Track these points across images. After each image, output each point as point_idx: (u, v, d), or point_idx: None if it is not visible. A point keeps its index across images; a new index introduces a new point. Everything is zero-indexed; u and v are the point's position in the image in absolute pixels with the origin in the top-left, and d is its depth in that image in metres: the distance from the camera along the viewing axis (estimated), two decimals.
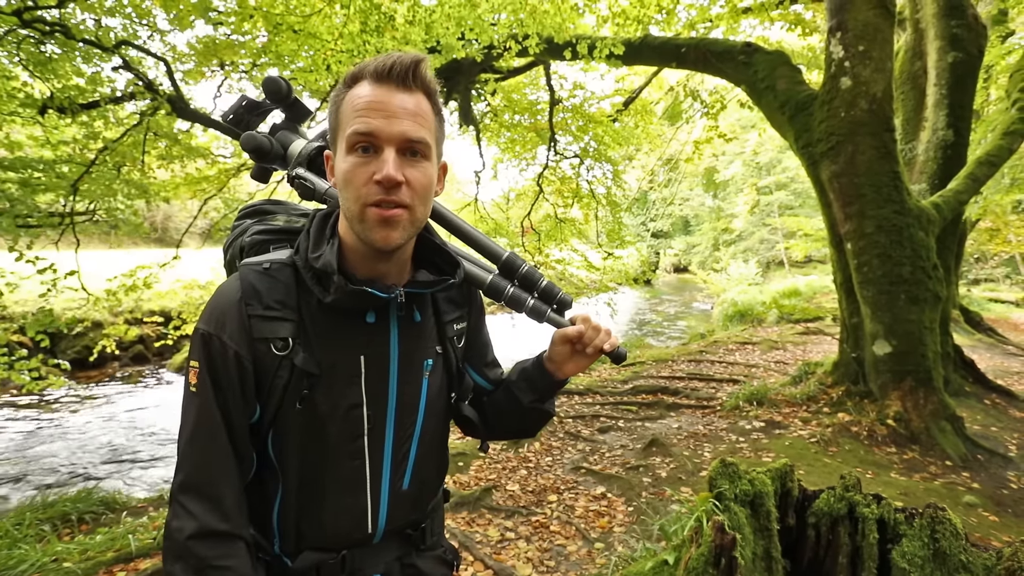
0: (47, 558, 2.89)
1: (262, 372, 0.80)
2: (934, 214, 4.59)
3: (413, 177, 0.76)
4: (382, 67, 0.75)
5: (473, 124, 8.44)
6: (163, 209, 23.96)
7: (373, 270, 0.83)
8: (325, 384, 0.81)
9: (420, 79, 0.77)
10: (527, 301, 0.96)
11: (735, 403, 5.27)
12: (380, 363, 0.85)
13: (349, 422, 0.82)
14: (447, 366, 0.94)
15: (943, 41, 5.46)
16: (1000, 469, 3.90)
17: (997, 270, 18.59)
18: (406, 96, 0.76)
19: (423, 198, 0.79)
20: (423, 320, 0.91)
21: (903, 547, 1.55)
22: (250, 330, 0.79)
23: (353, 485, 0.84)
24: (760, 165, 26.36)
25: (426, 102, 0.78)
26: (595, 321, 0.93)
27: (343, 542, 0.85)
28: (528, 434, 1.08)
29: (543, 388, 0.98)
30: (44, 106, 4.96)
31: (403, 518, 0.90)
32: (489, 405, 1.05)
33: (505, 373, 1.07)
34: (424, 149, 0.77)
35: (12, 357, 4.66)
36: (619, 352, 0.94)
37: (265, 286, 0.81)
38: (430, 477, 0.94)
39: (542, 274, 1.00)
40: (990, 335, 9.08)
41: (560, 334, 0.94)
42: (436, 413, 0.92)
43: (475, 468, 4.16)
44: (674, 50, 6.14)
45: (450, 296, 0.96)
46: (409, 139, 0.75)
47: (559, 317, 0.97)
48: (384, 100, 0.75)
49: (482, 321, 1.05)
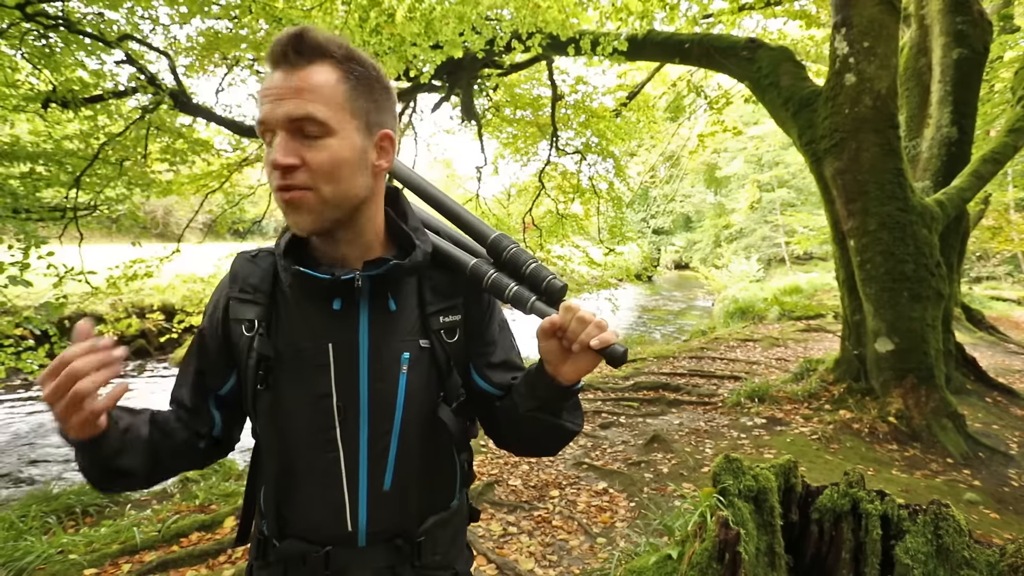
0: (53, 550, 2.92)
1: (237, 351, 0.85)
2: (937, 211, 4.58)
3: (311, 157, 0.72)
4: (270, 51, 0.73)
5: (475, 119, 8.42)
6: (164, 204, 23.98)
7: (332, 254, 0.83)
8: (290, 370, 0.81)
9: (308, 50, 0.72)
10: (509, 288, 0.83)
11: (736, 400, 5.28)
12: (349, 352, 0.81)
13: (319, 412, 0.81)
14: (435, 362, 0.86)
15: (948, 37, 5.43)
16: (1001, 467, 3.92)
17: (999, 268, 18.58)
18: (291, 74, 0.72)
19: (328, 176, 0.73)
20: (400, 310, 0.84)
21: (906, 543, 1.56)
22: (228, 311, 0.85)
23: (328, 477, 0.82)
24: (761, 160, 26.29)
25: (324, 72, 0.73)
26: (584, 312, 0.73)
27: (324, 536, 0.83)
28: (543, 452, 0.92)
29: (544, 395, 0.81)
30: (47, 100, 4.95)
31: (387, 520, 0.84)
32: (500, 413, 0.91)
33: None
34: (316, 124, 0.71)
35: (19, 348, 4.68)
36: (614, 350, 0.72)
37: (245, 271, 0.87)
38: (415, 481, 0.86)
39: (532, 256, 0.87)
40: (991, 333, 9.09)
41: (539, 328, 0.78)
42: (420, 412, 0.84)
43: (477, 463, 4.18)
44: (677, 46, 6.12)
45: (436, 285, 0.88)
46: (292, 119, 0.71)
47: (546, 307, 0.80)
48: (272, 84, 0.73)
49: (488, 316, 0.93)
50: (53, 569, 2.77)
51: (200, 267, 7.62)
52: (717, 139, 11.15)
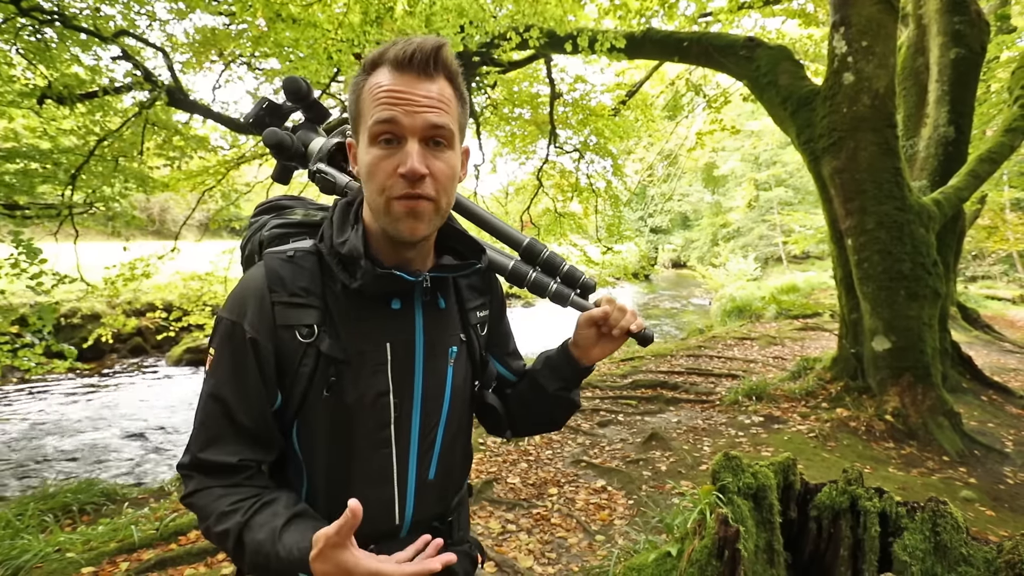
0: (50, 548, 2.90)
1: (286, 359, 0.79)
2: (935, 211, 4.60)
3: (437, 168, 0.75)
4: (402, 54, 0.73)
5: (473, 117, 8.41)
6: (160, 201, 23.86)
7: (398, 257, 0.82)
8: (352, 372, 0.80)
9: (442, 65, 0.75)
10: (550, 285, 0.95)
11: (734, 398, 5.30)
12: (406, 350, 0.84)
13: (376, 411, 0.82)
14: (471, 354, 0.93)
15: (946, 37, 5.45)
16: (997, 464, 3.94)
17: (994, 267, 18.65)
18: (428, 84, 0.74)
19: (447, 189, 0.78)
20: (447, 307, 0.90)
21: (904, 540, 1.57)
22: (274, 317, 0.78)
23: (380, 475, 0.83)
24: (759, 159, 26.32)
25: (448, 88, 0.77)
26: (620, 302, 0.91)
27: (371, 535, 0.82)
28: (555, 426, 1.06)
29: (569, 375, 0.96)
30: (42, 95, 4.92)
31: (429, 509, 0.89)
32: (513, 397, 1.03)
33: (527, 365, 1.06)
34: (447, 136, 0.75)
35: (15, 345, 4.65)
36: (646, 333, 0.91)
37: (289, 273, 0.80)
38: (455, 467, 0.93)
39: (564, 258, 0.98)
40: (987, 332, 9.13)
41: (585, 317, 0.92)
42: (461, 401, 0.91)
43: (476, 461, 4.18)
44: (676, 44, 6.11)
45: (472, 283, 0.96)
46: (432, 125, 0.73)
47: (583, 300, 0.96)
48: (405, 89, 0.73)
49: (503, 310, 1.04)
50: (50, 567, 2.76)
51: (199, 265, 7.59)
52: (715, 137, 11.15)
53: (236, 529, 0.73)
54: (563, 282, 0.97)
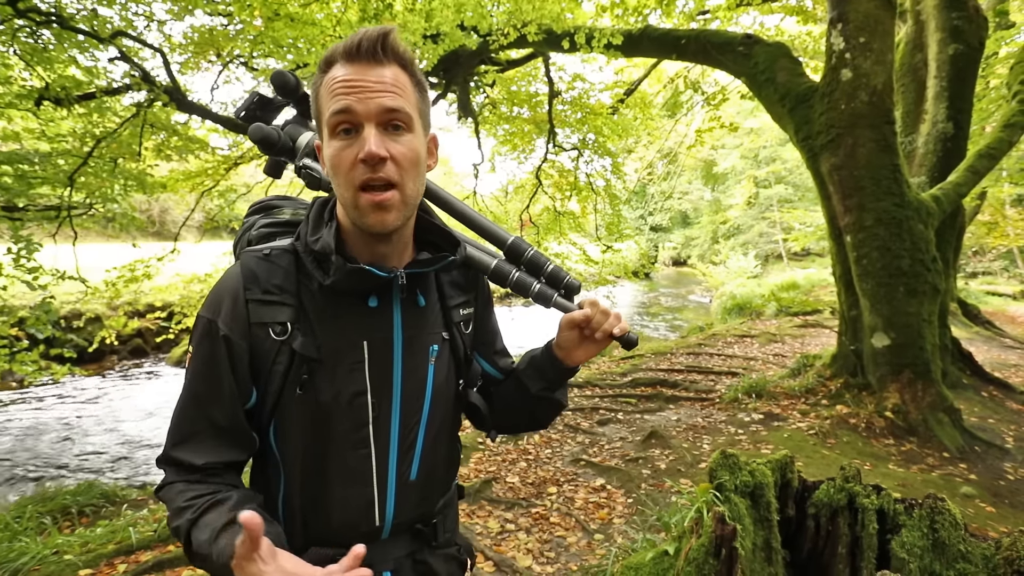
0: (48, 550, 2.90)
1: (260, 357, 0.79)
2: (933, 207, 4.59)
3: (397, 151, 0.74)
4: (351, 45, 0.74)
5: (472, 116, 8.40)
6: (160, 202, 23.86)
7: (373, 252, 0.82)
8: (327, 370, 0.80)
9: (391, 50, 0.75)
10: (533, 286, 0.94)
11: (734, 395, 5.29)
12: (383, 348, 0.83)
13: (353, 410, 0.81)
14: (454, 352, 0.92)
15: (944, 33, 5.43)
16: (997, 460, 3.93)
17: (995, 263, 18.63)
18: (380, 69, 0.74)
19: (411, 173, 0.77)
20: (427, 304, 0.89)
21: (902, 537, 1.56)
22: (248, 315, 0.79)
23: (359, 475, 0.82)
24: (758, 156, 26.29)
25: (402, 73, 0.77)
26: (603, 305, 0.89)
27: (350, 536, 0.81)
28: (539, 425, 1.05)
29: (552, 376, 0.95)
30: (40, 97, 4.91)
31: (411, 511, 0.88)
32: (498, 395, 1.02)
33: (515, 363, 1.05)
34: (405, 119, 0.75)
35: (13, 349, 4.64)
36: (629, 337, 0.89)
37: (264, 271, 0.81)
38: (438, 467, 0.92)
39: (549, 258, 0.97)
40: (987, 328, 9.11)
41: (567, 319, 0.91)
42: (443, 401, 0.90)
43: (475, 460, 4.17)
44: (674, 42, 6.10)
45: (454, 280, 0.95)
46: (387, 109, 0.73)
47: (566, 302, 0.94)
48: (357, 77, 0.73)
49: (490, 308, 1.03)
50: (48, 570, 2.76)
51: (199, 266, 7.58)
52: (714, 135, 11.14)
53: (186, 526, 0.73)
54: (547, 283, 0.95)
